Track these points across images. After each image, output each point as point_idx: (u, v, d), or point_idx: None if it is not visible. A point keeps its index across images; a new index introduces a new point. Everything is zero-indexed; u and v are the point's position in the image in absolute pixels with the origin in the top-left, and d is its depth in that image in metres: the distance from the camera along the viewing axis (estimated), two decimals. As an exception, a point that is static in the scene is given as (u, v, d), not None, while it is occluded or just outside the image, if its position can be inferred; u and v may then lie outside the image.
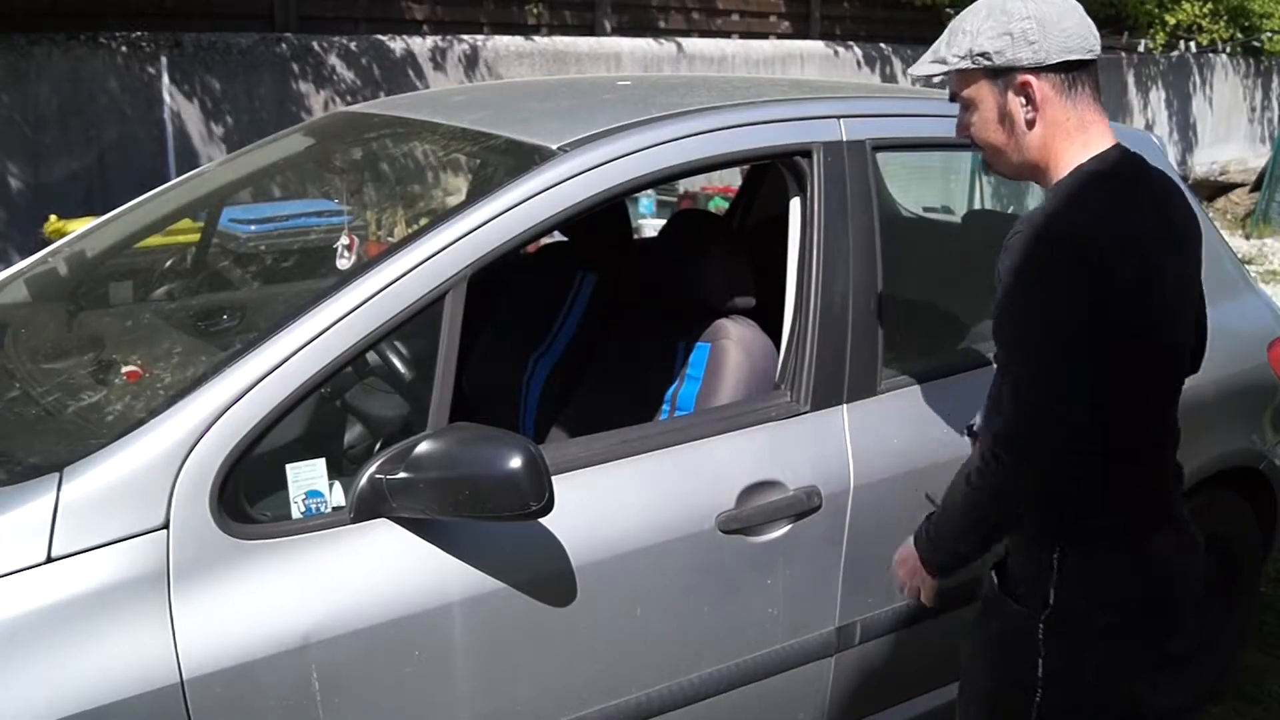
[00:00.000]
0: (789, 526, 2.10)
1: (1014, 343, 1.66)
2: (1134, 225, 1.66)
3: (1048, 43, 1.68)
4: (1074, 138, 1.72)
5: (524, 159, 2.05)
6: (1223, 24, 12.60)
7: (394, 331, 1.83)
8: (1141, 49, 11.78)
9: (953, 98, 1.81)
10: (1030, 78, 1.70)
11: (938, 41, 1.79)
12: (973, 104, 1.76)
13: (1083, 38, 1.70)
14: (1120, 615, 1.73)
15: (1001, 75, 1.72)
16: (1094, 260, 1.60)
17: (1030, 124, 1.72)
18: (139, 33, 6.19)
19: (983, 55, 1.72)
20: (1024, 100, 1.71)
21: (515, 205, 1.93)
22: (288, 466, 1.79)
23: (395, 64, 7.15)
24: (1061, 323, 1.61)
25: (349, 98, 6.90)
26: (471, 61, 7.51)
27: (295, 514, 1.77)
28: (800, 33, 9.59)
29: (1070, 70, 1.70)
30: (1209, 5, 12.29)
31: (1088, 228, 1.62)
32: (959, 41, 1.74)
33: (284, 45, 6.74)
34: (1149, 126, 12.25)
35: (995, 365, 1.73)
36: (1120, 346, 1.63)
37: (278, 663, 1.65)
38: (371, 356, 2.34)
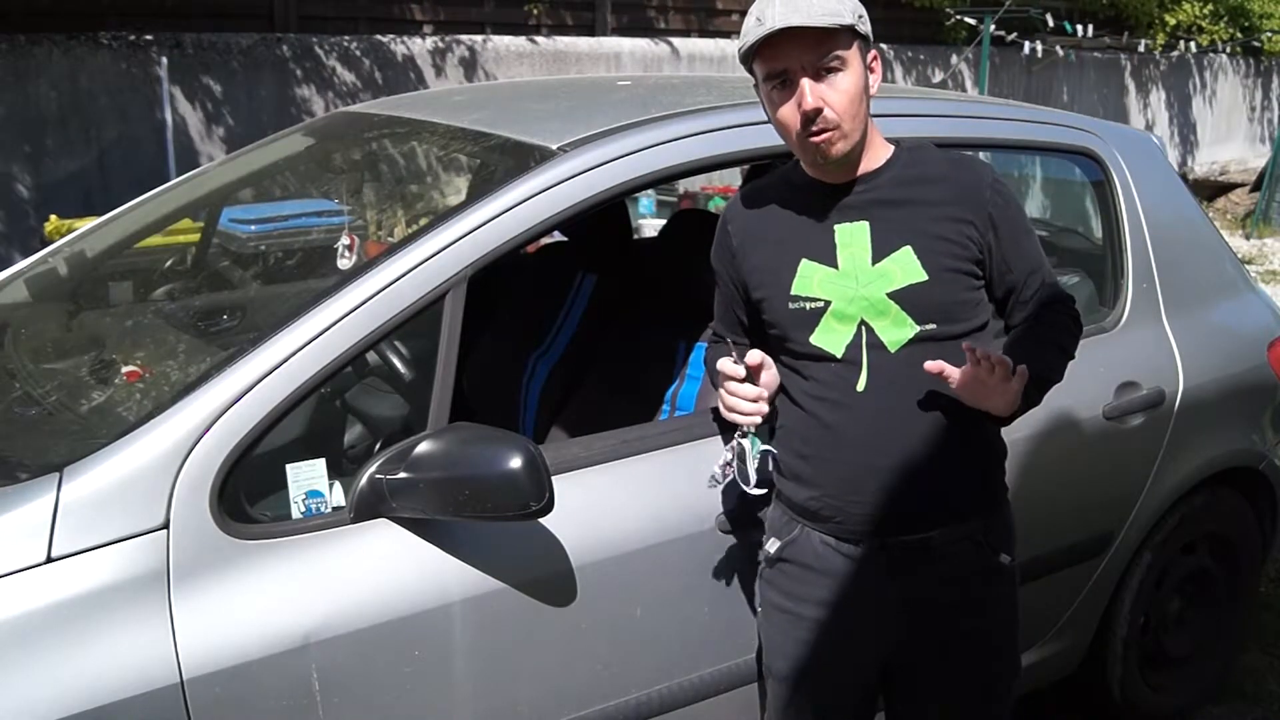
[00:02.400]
0: (789, 526, 2.10)
1: (1041, 256, 1.88)
2: None
3: None
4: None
5: (524, 159, 2.05)
6: (1223, 24, 12.60)
7: (394, 331, 1.83)
8: (1142, 49, 11.78)
9: (819, 61, 1.67)
10: (876, 54, 1.78)
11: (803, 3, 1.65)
12: (842, 68, 1.69)
13: None
14: None
15: (864, 44, 1.74)
16: None
17: (868, 102, 1.76)
18: (139, 33, 6.19)
19: (862, 18, 1.72)
20: (871, 74, 1.76)
21: (515, 205, 1.93)
22: (288, 466, 1.79)
23: (395, 64, 7.15)
24: None
25: (349, 98, 6.90)
26: (471, 62, 7.51)
27: (295, 514, 1.77)
28: (800, 33, 9.58)
29: None
30: (1209, 5, 12.30)
31: None
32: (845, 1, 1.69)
33: (284, 46, 6.74)
34: (1149, 127, 12.26)
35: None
36: None
37: (278, 663, 1.65)
38: (371, 356, 2.34)
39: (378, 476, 1.75)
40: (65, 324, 2.53)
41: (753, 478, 1.84)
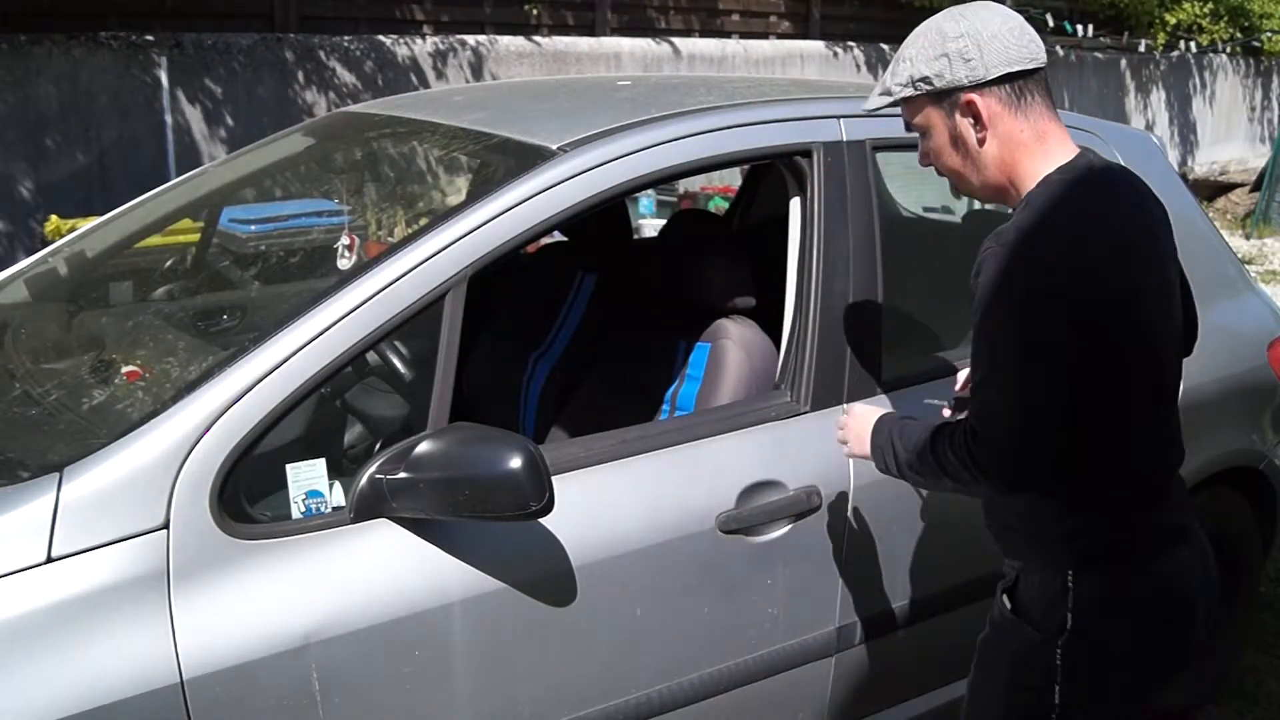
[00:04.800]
0: (789, 526, 2.10)
1: (991, 363, 1.63)
2: (1111, 231, 1.65)
3: (985, 58, 1.65)
4: (1032, 149, 1.70)
5: (524, 159, 2.05)
6: (1223, 24, 12.60)
7: (394, 332, 1.83)
8: (1142, 49, 11.78)
9: (908, 127, 1.79)
10: (974, 96, 1.67)
11: (885, 73, 1.78)
12: (926, 131, 1.75)
13: (1023, 48, 1.67)
14: (1139, 636, 1.72)
15: (945, 98, 1.70)
16: (1067, 277, 1.58)
17: (982, 142, 1.70)
18: (139, 33, 6.19)
19: (923, 80, 1.70)
20: (972, 120, 1.69)
21: (515, 205, 1.93)
22: (288, 466, 1.79)
23: (395, 64, 7.15)
24: (1036, 344, 1.59)
25: (350, 98, 6.90)
26: (472, 62, 7.51)
27: (295, 514, 1.77)
28: (800, 33, 9.59)
29: (1014, 81, 1.67)
30: (1209, 5, 12.29)
31: (1061, 243, 1.61)
32: (901, 69, 1.73)
33: (285, 46, 6.74)
34: (1149, 126, 12.25)
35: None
36: (1102, 363, 1.61)
37: (278, 663, 1.65)
38: (371, 356, 2.34)
39: (378, 476, 1.75)
40: (65, 324, 2.53)
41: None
